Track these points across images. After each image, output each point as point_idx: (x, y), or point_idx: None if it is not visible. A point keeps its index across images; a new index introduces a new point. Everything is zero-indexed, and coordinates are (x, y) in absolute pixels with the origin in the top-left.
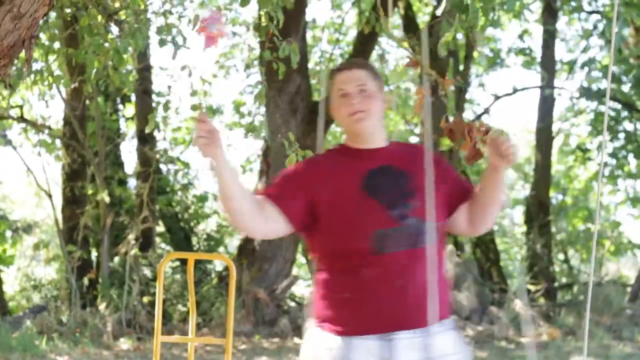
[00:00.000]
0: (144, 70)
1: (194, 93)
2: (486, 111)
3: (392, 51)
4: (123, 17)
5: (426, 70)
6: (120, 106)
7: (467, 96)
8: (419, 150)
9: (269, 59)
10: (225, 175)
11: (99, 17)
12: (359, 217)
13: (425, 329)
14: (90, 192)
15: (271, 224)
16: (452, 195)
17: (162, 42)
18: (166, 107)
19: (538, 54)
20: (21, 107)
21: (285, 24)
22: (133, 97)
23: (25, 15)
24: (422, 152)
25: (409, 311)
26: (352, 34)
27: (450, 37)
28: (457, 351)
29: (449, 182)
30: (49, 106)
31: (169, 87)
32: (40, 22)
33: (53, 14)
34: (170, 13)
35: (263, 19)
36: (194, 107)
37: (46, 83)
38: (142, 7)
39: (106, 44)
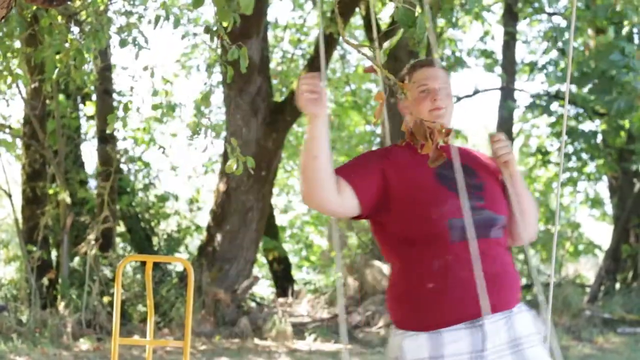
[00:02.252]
0: (105, 70)
1: (155, 93)
2: (419, 147)
3: (354, 52)
4: (84, 17)
5: (384, 74)
6: (81, 105)
7: None
8: (472, 151)
9: (221, 62)
10: (322, 136)
11: (60, 18)
12: (435, 205)
13: (509, 311)
14: (50, 192)
15: (344, 200)
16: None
17: (123, 43)
18: (126, 108)
19: (499, 55)
20: None
21: (245, 25)
22: (94, 97)
23: None
24: (475, 152)
25: (491, 295)
26: (314, 34)
27: (393, 43)
28: (538, 330)
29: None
30: (9, 105)
31: (132, 87)
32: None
33: (13, 12)
34: (131, 14)
35: (215, 22)
36: (155, 107)
37: (8, 82)
38: (103, 7)
39: (67, 44)
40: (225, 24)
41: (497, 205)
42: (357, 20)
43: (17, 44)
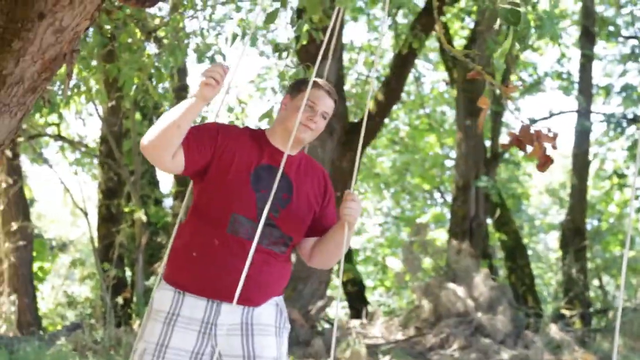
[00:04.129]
0: (181, 90)
1: (230, 109)
2: (528, 152)
3: (429, 74)
4: (162, 35)
5: (488, 79)
6: None
7: (503, 120)
8: (315, 166)
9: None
10: (195, 115)
11: (138, 34)
12: (230, 195)
13: (250, 307)
14: (126, 210)
15: (175, 161)
16: (318, 221)
17: (200, 59)
18: (202, 119)
19: (575, 78)
20: (58, 125)
21: (321, 44)
22: None
23: (67, 29)
24: (316, 169)
25: (235, 288)
26: (389, 56)
27: (508, 44)
28: (278, 324)
29: (326, 208)
30: (86, 124)
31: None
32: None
33: (91, 30)
34: (209, 31)
35: (302, 39)
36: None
37: (84, 99)
38: (181, 24)
39: (144, 59)
40: (299, 41)
41: (289, 225)
42: (430, 42)
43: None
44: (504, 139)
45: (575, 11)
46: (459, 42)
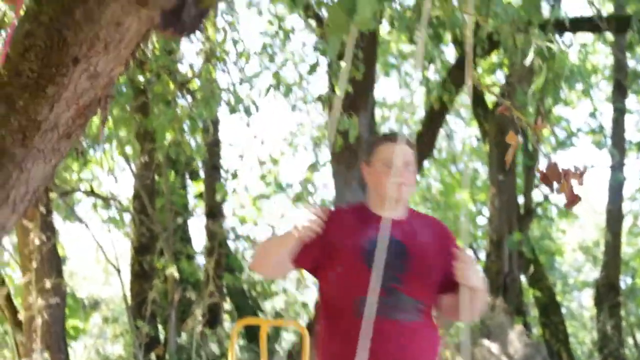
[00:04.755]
0: (213, 146)
1: (262, 163)
2: (555, 190)
3: (459, 131)
4: (194, 87)
5: (517, 114)
6: (189, 182)
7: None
8: (434, 224)
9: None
10: (293, 246)
11: (171, 85)
12: (348, 280)
13: None
14: (159, 266)
15: (284, 269)
16: (448, 277)
17: (232, 110)
18: (234, 175)
19: (608, 132)
20: (90, 181)
21: (354, 101)
22: (202, 174)
23: (102, 74)
24: (427, 222)
25: None
26: (420, 112)
27: (542, 79)
28: None
29: (451, 262)
30: (118, 181)
31: (241, 156)
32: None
33: (125, 83)
34: (241, 83)
35: (336, 91)
36: (262, 177)
37: (116, 153)
38: (214, 76)
39: (178, 110)
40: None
41: (415, 289)
42: (461, 97)
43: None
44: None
45: (607, 65)
46: (490, 98)
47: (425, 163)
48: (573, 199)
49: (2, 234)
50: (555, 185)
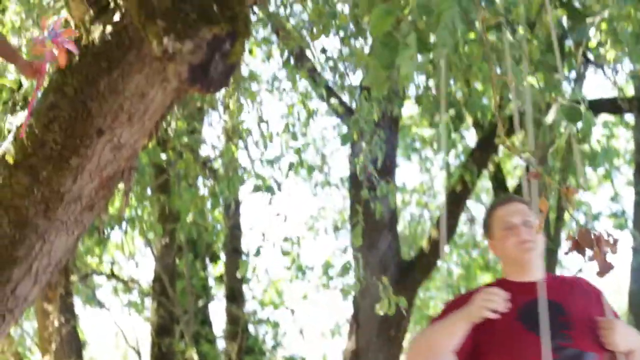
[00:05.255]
0: (234, 229)
1: (286, 240)
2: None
3: (481, 215)
4: (217, 165)
5: (547, 180)
6: (209, 265)
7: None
8: (576, 281)
9: (366, 198)
10: (463, 332)
11: (193, 164)
12: (517, 350)
13: None
14: (179, 349)
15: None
16: None
17: (256, 188)
18: (257, 252)
19: (630, 214)
20: (112, 264)
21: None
22: (222, 257)
23: (125, 146)
24: (579, 283)
25: None
26: (441, 197)
27: (562, 140)
28: None
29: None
30: (139, 265)
31: (262, 239)
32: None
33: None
34: (263, 165)
35: (361, 158)
36: (285, 253)
37: (137, 235)
38: (235, 155)
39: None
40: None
41: (586, 342)
42: (483, 183)
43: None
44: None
45: (628, 150)
46: (512, 183)
47: (446, 248)
48: (605, 267)
49: (24, 306)
50: (588, 252)
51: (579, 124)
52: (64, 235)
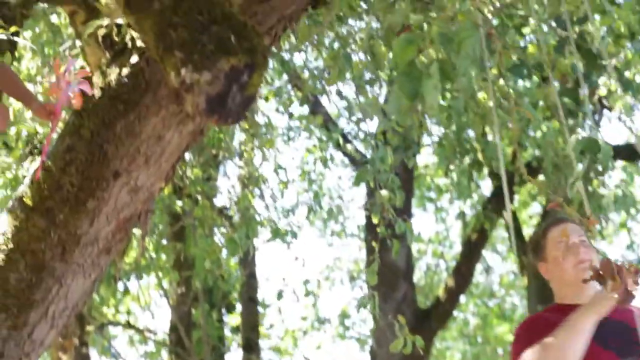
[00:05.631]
0: (250, 278)
1: (306, 283)
2: (608, 288)
3: (497, 266)
4: (232, 214)
5: (569, 211)
6: (225, 315)
7: None
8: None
9: (383, 235)
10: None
11: (210, 212)
12: None
13: None
14: None
15: None
16: None
17: (275, 233)
18: (279, 295)
19: None
20: (127, 314)
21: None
22: (238, 306)
23: (142, 189)
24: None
25: None
26: (457, 247)
27: (581, 173)
28: None
29: None
30: (155, 315)
31: (283, 279)
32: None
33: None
34: (280, 217)
35: (379, 197)
36: (304, 298)
37: (153, 284)
38: (252, 202)
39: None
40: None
41: None
42: (499, 233)
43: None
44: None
45: None
46: (527, 232)
47: (462, 298)
48: (626, 297)
49: (40, 350)
50: (609, 283)
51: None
52: (81, 278)
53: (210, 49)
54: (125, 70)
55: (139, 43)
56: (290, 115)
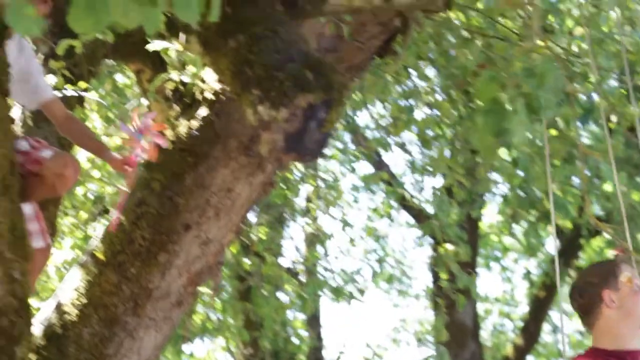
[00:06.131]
0: (316, 339)
1: (371, 345)
2: None
3: (565, 324)
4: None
5: (635, 255)
6: None
7: None
8: None
9: (447, 291)
10: None
11: (277, 270)
12: None
13: None
14: None
15: None
16: None
17: (339, 294)
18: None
19: None
20: None
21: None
22: None
23: (213, 241)
24: None
25: None
26: (523, 306)
27: None
28: None
29: None
30: None
31: (348, 340)
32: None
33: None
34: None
35: (441, 248)
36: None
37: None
38: (317, 261)
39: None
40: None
41: None
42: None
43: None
44: None
45: None
46: None
47: (530, 358)
48: None
49: None
50: None
51: None
52: (153, 332)
53: (287, 86)
54: (195, 123)
55: (208, 95)
56: (352, 170)
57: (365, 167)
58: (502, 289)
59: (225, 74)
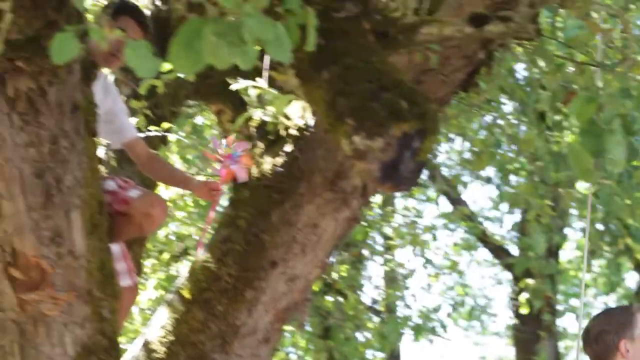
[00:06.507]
0: None
1: None
2: None
3: None
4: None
5: None
6: None
7: None
8: None
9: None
10: None
11: (359, 307)
12: None
13: None
14: None
15: None
16: None
17: (419, 331)
18: None
19: None
20: None
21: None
22: None
23: (299, 278)
24: None
25: None
26: None
27: None
28: None
29: None
30: None
31: None
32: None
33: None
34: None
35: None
36: None
37: None
38: (398, 299)
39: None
40: None
41: None
42: None
43: None
44: None
45: None
46: None
47: None
48: None
49: None
50: None
51: None
52: None
53: (382, 116)
54: (280, 160)
55: (293, 132)
56: (436, 203)
57: (445, 205)
58: (582, 325)
59: (319, 104)
